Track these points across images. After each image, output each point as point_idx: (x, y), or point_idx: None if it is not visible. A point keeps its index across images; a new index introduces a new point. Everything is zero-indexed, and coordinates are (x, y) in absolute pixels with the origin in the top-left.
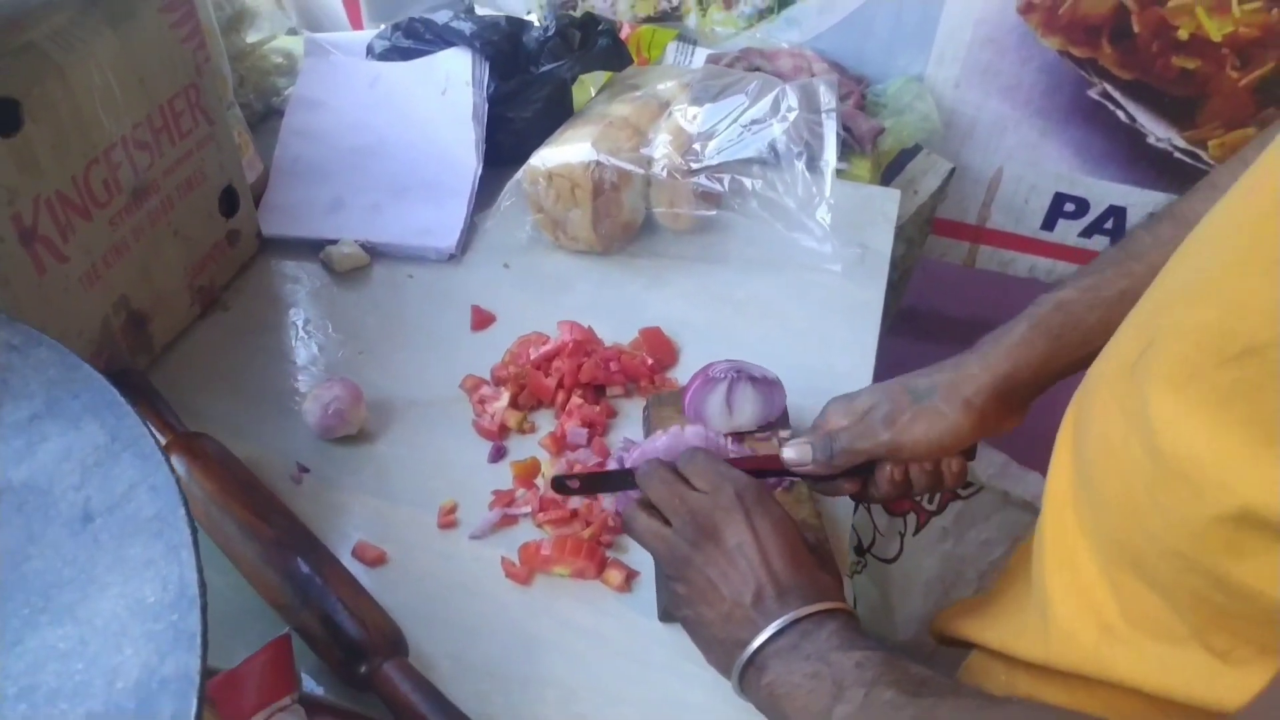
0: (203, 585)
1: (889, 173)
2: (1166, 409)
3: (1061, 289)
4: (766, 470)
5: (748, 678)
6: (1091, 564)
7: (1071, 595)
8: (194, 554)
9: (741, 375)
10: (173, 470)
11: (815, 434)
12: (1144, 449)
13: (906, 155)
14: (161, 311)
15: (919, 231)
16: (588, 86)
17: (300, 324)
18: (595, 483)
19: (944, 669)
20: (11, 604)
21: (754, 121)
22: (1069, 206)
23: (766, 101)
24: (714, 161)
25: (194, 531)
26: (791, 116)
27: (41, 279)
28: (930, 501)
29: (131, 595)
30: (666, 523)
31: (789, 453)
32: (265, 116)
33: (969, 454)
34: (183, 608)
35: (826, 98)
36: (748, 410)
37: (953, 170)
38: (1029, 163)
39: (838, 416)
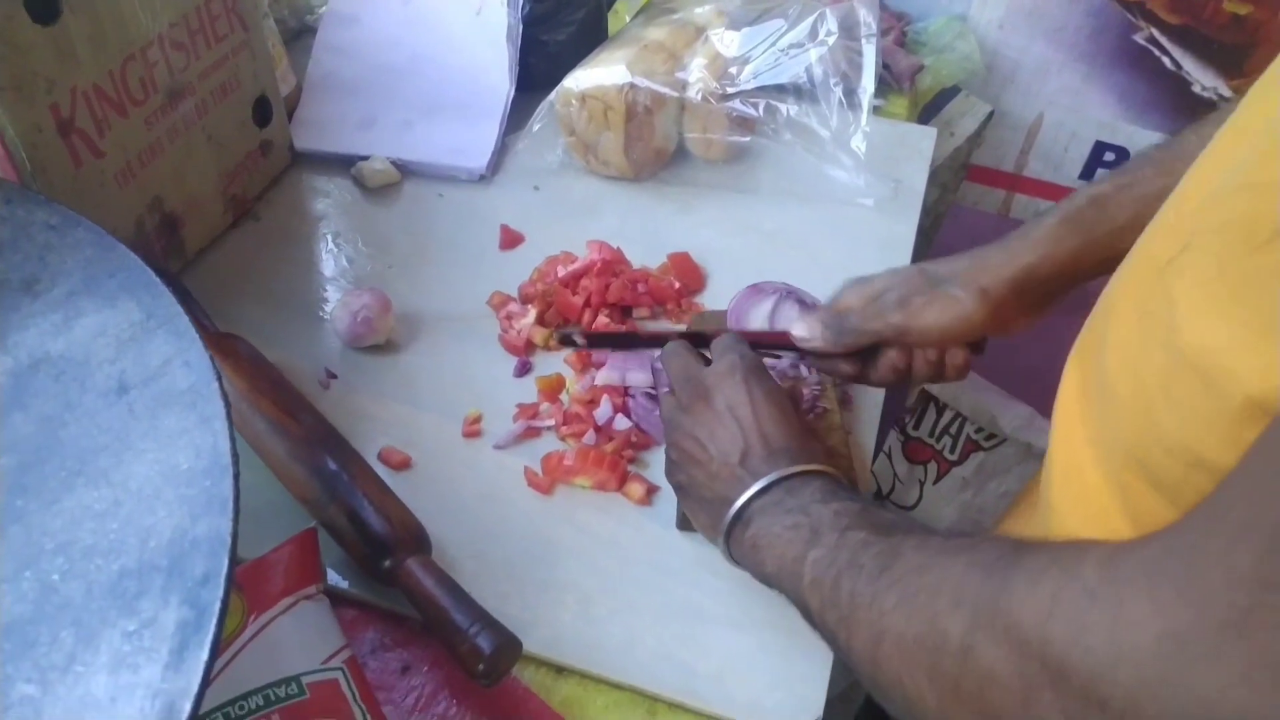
0: (235, 454)
1: (926, 113)
2: (1193, 305)
3: (1098, 184)
4: (778, 345)
5: (734, 535)
6: (1097, 472)
7: (1078, 506)
8: (227, 424)
9: (791, 295)
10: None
11: (828, 312)
12: (1164, 348)
13: (945, 96)
14: (194, 216)
15: (954, 177)
16: (623, 15)
17: (330, 237)
18: (601, 340)
19: None
20: (49, 467)
21: (791, 46)
22: (1109, 155)
23: (805, 25)
24: (749, 86)
25: (227, 405)
26: (830, 41)
27: (78, 171)
28: (952, 452)
29: (165, 462)
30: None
31: (798, 329)
32: (299, 33)
33: (977, 348)
34: (215, 474)
35: (867, 23)
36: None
37: (991, 114)
38: (1071, 109)
39: (852, 296)
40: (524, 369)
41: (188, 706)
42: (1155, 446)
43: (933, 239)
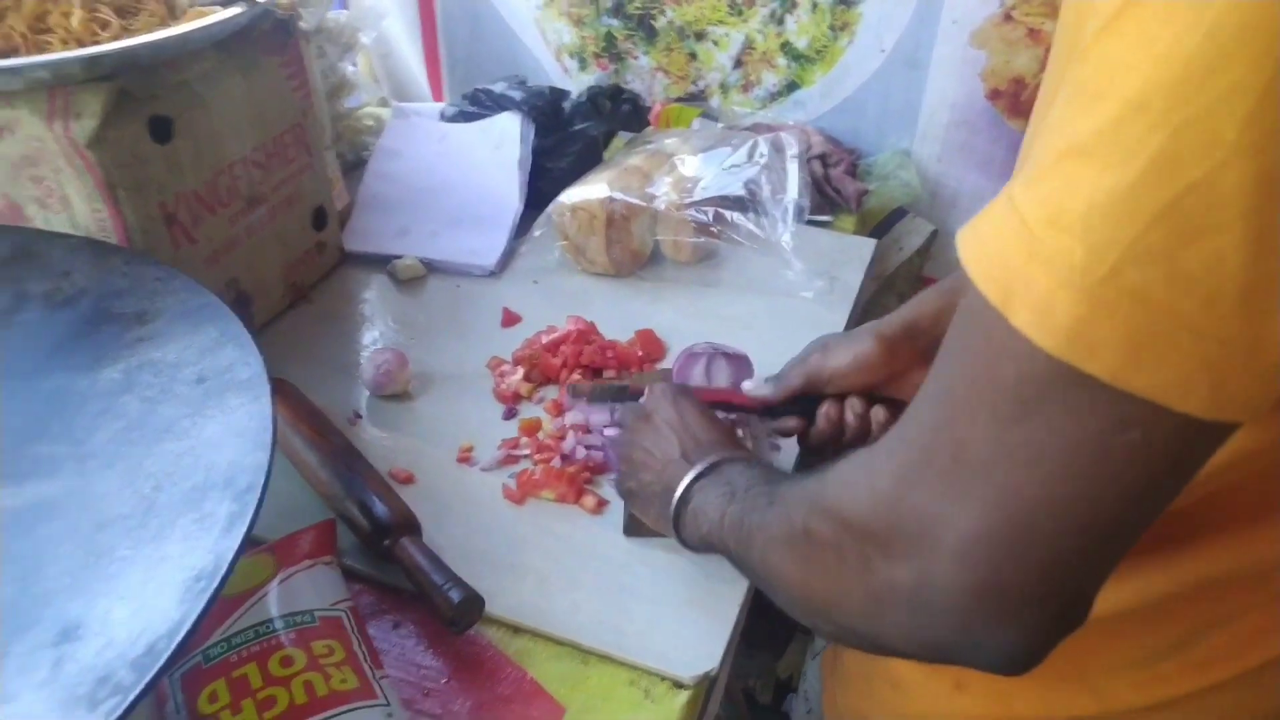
0: (275, 418)
1: (878, 230)
2: None
3: None
4: (731, 403)
5: (681, 514)
6: None
7: None
8: (271, 402)
9: (717, 352)
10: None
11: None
12: None
13: (894, 217)
14: (261, 296)
15: (910, 287)
16: (619, 146)
17: (367, 316)
18: (599, 393)
19: None
20: (148, 428)
21: (734, 166)
22: None
23: (744, 150)
24: (702, 197)
25: (273, 391)
26: (763, 161)
27: (176, 252)
28: None
29: (227, 423)
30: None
31: (746, 384)
32: (355, 165)
33: (896, 411)
34: (261, 430)
35: (791, 146)
36: (722, 378)
37: (934, 232)
38: None
39: (789, 364)
40: (510, 414)
41: (230, 557)
42: None
43: None
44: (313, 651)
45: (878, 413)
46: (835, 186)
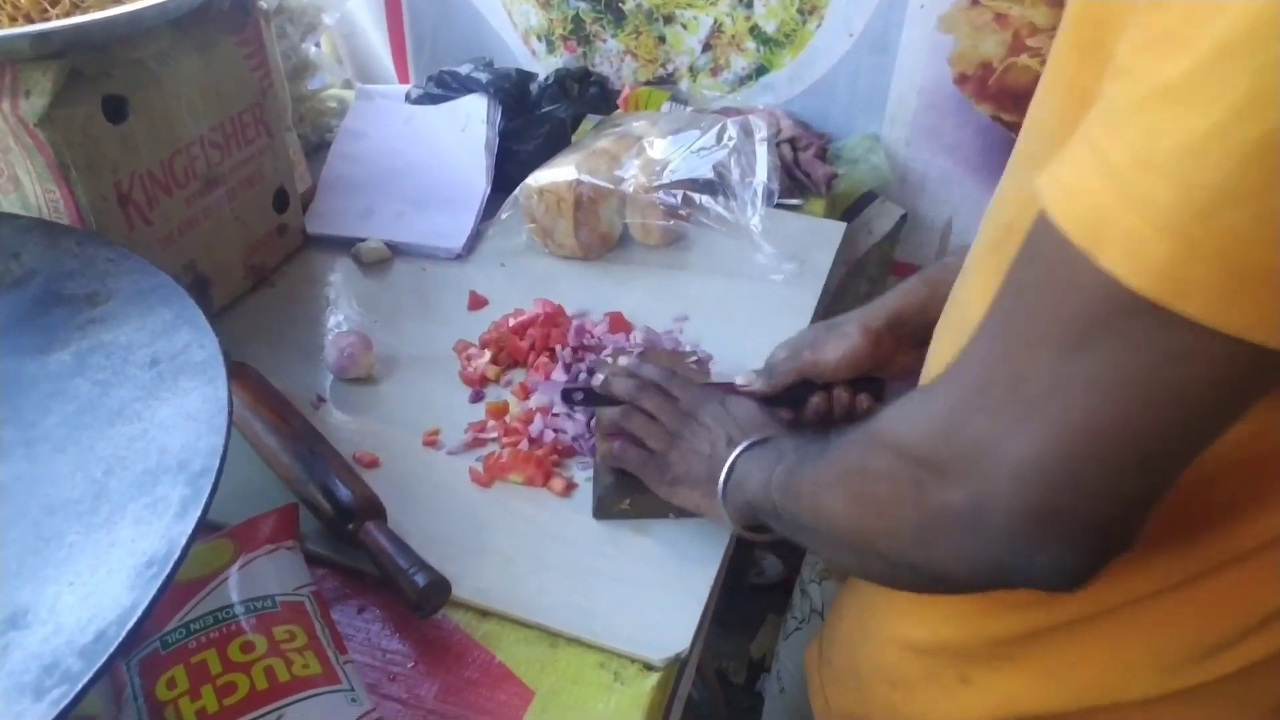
0: (230, 401)
1: (848, 214)
2: (977, 297)
3: (957, 257)
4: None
5: (728, 490)
6: None
7: None
8: (226, 384)
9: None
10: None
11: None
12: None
13: (864, 201)
14: (221, 279)
15: (879, 270)
16: (587, 129)
17: (331, 299)
18: (596, 396)
19: None
20: (99, 411)
21: (702, 149)
22: None
23: (713, 133)
24: (671, 180)
25: (228, 373)
26: (731, 144)
27: (131, 233)
28: None
29: (181, 406)
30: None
31: (740, 378)
32: (318, 147)
33: (879, 390)
34: (215, 412)
35: (759, 130)
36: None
37: (904, 215)
38: (974, 214)
39: (779, 351)
40: (477, 397)
41: (183, 541)
42: None
43: None
44: (274, 637)
45: (862, 400)
46: (805, 170)
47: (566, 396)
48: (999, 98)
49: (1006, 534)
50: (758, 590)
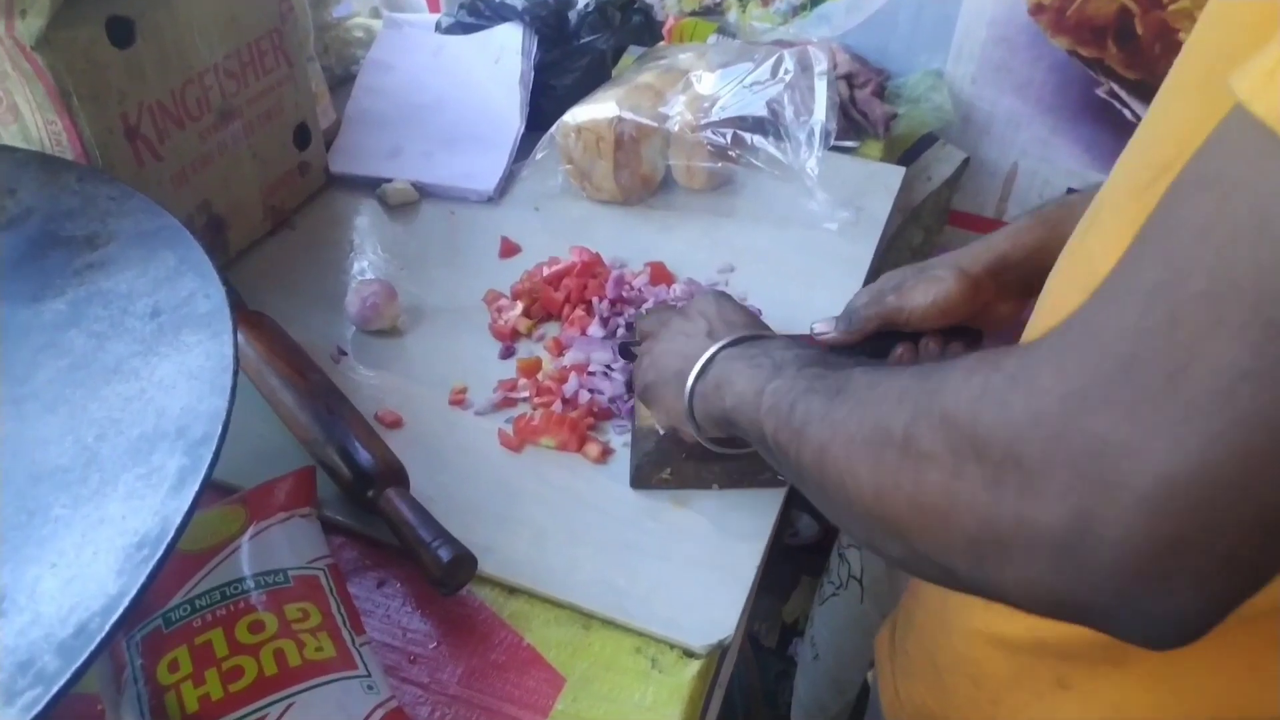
0: (236, 358)
1: (906, 158)
2: (1104, 255)
3: (1073, 194)
4: None
5: (697, 389)
6: None
7: None
8: (232, 339)
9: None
10: (228, 289)
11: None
12: (1084, 294)
13: (923, 144)
14: (238, 220)
15: (936, 220)
16: (628, 62)
17: (354, 243)
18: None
19: None
20: (94, 367)
21: (755, 83)
22: None
23: (767, 66)
24: (720, 118)
25: (234, 326)
26: (788, 78)
27: (140, 169)
28: None
29: (182, 363)
30: None
31: (818, 325)
32: (343, 80)
33: (974, 341)
34: (219, 371)
35: (819, 62)
36: None
37: (966, 160)
38: (1042, 158)
39: (859, 295)
40: (508, 352)
41: (178, 520)
42: None
43: None
44: (285, 616)
45: (953, 348)
46: (861, 109)
47: (625, 351)
48: (1078, 31)
49: (1112, 569)
50: (791, 551)
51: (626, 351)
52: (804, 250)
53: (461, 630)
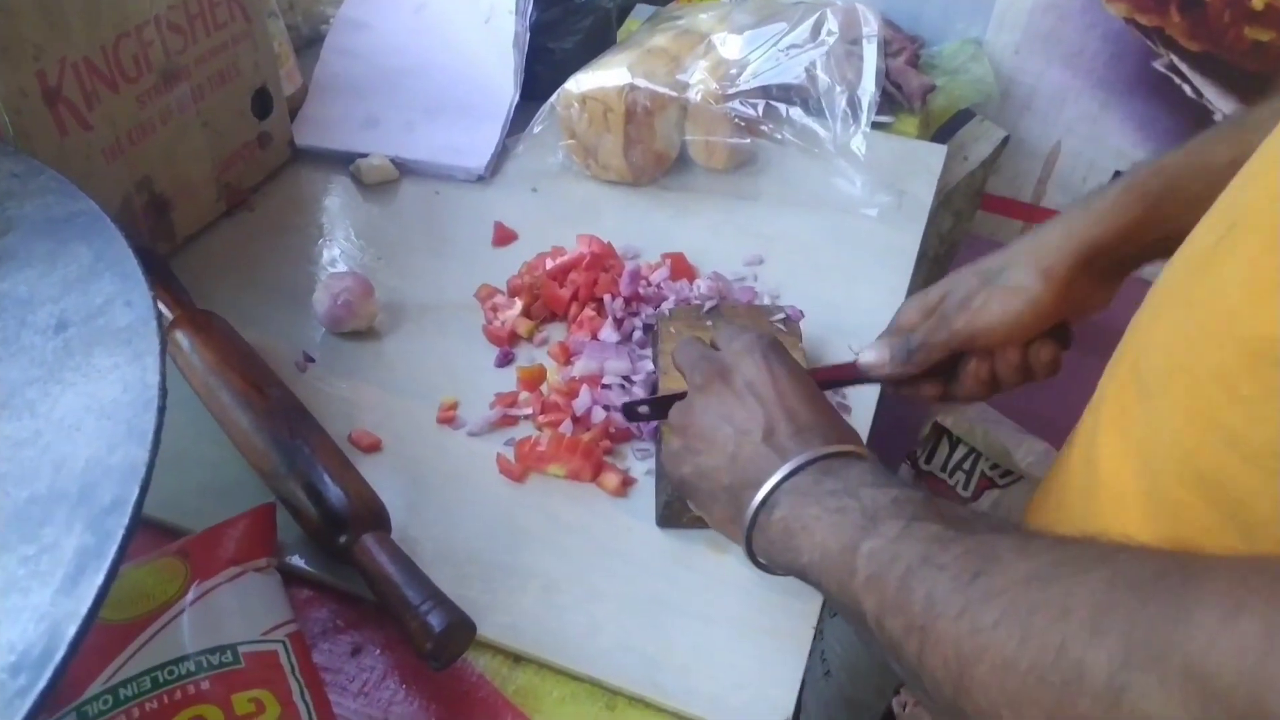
0: (163, 389)
1: (941, 135)
2: (1247, 288)
3: (1162, 156)
4: (842, 379)
5: (759, 522)
6: (1137, 489)
7: (1109, 529)
8: (159, 361)
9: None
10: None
11: (891, 335)
12: (1219, 339)
13: (959, 120)
14: (185, 200)
15: (969, 204)
16: (633, 26)
17: (324, 229)
18: (666, 406)
19: None
20: None
21: (792, 46)
22: None
23: (806, 26)
24: (749, 87)
25: (163, 343)
26: (830, 41)
27: (63, 140)
28: (965, 488)
29: (92, 395)
30: None
31: (867, 355)
32: (311, 41)
33: (1063, 340)
34: (140, 407)
35: (868, 24)
36: None
37: (1006, 139)
38: (1089, 137)
39: (911, 314)
40: (506, 359)
41: (73, 630)
42: (1224, 452)
43: (946, 268)
44: (234, 710)
45: (1040, 352)
46: (895, 81)
47: (629, 413)
48: None
49: None
50: None
51: (632, 413)
52: (841, 239)
53: (457, 710)
